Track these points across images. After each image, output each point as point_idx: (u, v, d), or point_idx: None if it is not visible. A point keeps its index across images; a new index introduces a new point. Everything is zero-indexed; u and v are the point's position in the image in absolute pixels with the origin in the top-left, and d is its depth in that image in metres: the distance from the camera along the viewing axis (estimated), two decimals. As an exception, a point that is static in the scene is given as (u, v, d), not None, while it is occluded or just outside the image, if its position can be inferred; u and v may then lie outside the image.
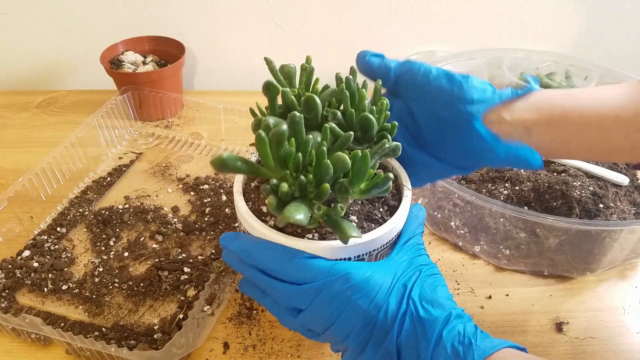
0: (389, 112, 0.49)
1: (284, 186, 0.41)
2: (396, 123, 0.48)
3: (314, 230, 0.47)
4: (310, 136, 0.42)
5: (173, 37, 1.03)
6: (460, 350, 0.40)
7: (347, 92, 0.47)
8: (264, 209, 0.49)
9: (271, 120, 0.44)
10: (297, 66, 0.52)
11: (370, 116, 0.46)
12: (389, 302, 0.42)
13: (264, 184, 0.43)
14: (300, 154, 0.41)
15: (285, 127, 0.40)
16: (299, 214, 0.40)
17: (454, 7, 1.03)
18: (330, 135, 0.45)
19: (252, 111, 0.50)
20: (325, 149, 0.41)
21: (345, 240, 0.42)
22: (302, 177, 0.41)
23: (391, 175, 0.42)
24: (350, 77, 0.48)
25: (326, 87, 0.52)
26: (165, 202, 0.80)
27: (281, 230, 0.46)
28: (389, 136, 0.47)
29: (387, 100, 0.48)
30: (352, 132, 0.44)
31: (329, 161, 0.40)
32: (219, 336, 0.62)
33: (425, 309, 0.42)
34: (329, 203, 0.44)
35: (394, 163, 0.53)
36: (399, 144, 0.47)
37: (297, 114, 0.41)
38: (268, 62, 0.50)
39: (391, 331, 0.42)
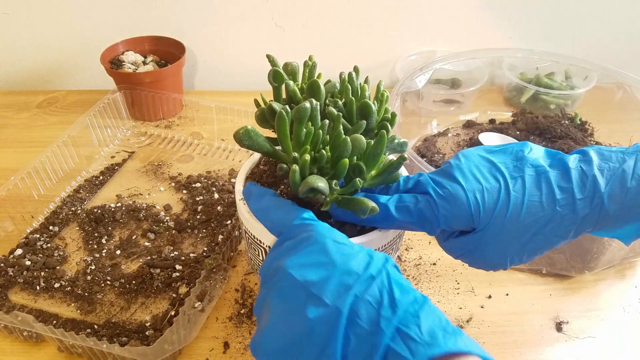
0: (389, 107, 0.49)
1: (307, 157, 0.42)
2: (396, 113, 0.49)
3: None
4: (326, 120, 0.44)
5: (173, 37, 1.04)
6: (439, 333, 0.34)
7: (349, 86, 0.48)
8: None
9: (276, 105, 0.45)
10: (299, 65, 0.52)
11: (370, 103, 0.47)
12: (358, 256, 0.38)
13: (280, 164, 0.44)
14: (320, 131, 0.43)
15: (308, 104, 0.42)
16: (321, 182, 0.42)
17: (454, 7, 1.03)
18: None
19: (256, 102, 0.50)
20: (341, 129, 0.43)
21: (364, 212, 0.43)
22: (323, 151, 0.43)
23: (405, 156, 0.44)
24: (353, 73, 0.50)
25: (328, 81, 0.53)
26: (158, 200, 0.80)
27: None
28: (389, 126, 0.48)
29: (388, 93, 0.49)
30: (364, 121, 0.46)
31: (348, 138, 0.42)
32: (219, 336, 0.61)
33: (400, 283, 0.37)
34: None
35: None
36: (406, 140, 0.48)
37: (315, 100, 0.43)
38: (270, 59, 0.50)
39: (352, 287, 0.36)
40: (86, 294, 0.64)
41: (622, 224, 0.45)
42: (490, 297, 0.67)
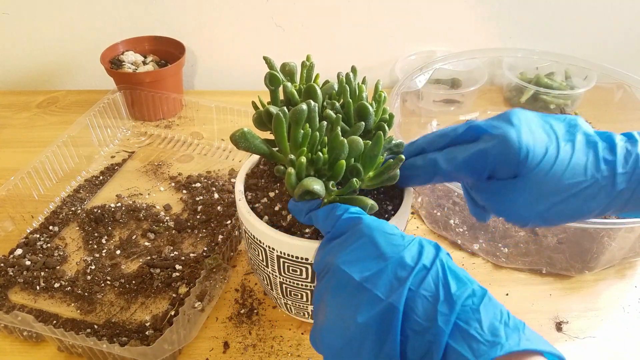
0: (387, 108, 0.49)
1: (303, 159, 0.42)
2: (393, 114, 0.49)
3: (309, 230, 0.49)
4: (324, 122, 0.44)
5: (173, 37, 1.03)
6: (501, 330, 0.33)
7: (347, 87, 0.48)
8: (260, 207, 0.51)
9: (273, 108, 0.45)
10: (297, 65, 0.52)
11: (367, 104, 0.47)
12: (409, 247, 0.38)
13: (277, 165, 0.45)
14: (317, 133, 0.43)
15: (304, 106, 0.42)
16: (317, 185, 0.42)
17: (454, 7, 1.03)
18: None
19: (254, 104, 0.50)
20: (339, 131, 0.43)
21: (364, 208, 0.43)
22: (319, 153, 0.43)
23: (402, 156, 0.44)
24: (351, 74, 0.50)
25: (326, 82, 0.53)
26: (158, 200, 0.80)
27: (279, 229, 0.48)
28: (386, 127, 0.48)
29: (385, 93, 0.49)
30: (363, 123, 0.46)
31: (344, 140, 0.42)
32: (219, 336, 0.61)
33: (455, 273, 0.36)
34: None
35: None
36: (403, 141, 0.48)
37: (312, 102, 0.43)
38: (267, 61, 0.50)
39: (406, 280, 0.35)
40: (86, 294, 0.64)
41: None
42: (490, 297, 0.67)
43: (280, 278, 0.51)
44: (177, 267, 0.67)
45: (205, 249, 0.70)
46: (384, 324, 0.34)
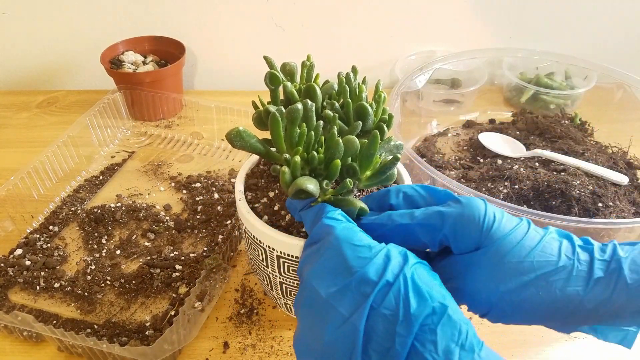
0: (387, 108, 0.49)
1: (297, 159, 0.42)
2: (393, 114, 0.49)
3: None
4: (321, 121, 0.44)
5: (173, 37, 1.03)
6: (456, 353, 0.32)
7: (347, 87, 0.48)
8: (260, 207, 0.51)
9: (272, 108, 0.45)
10: (297, 65, 0.52)
11: (367, 105, 0.47)
12: (374, 260, 0.36)
13: (274, 165, 0.44)
14: (312, 133, 0.43)
15: (300, 105, 0.42)
16: (310, 184, 0.41)
17: (454, 7, 1.03)
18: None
19: (254, 104, 0.50)
20: (335, 131, 0.42)
21: (354, 212, 0.43)
22: (314, 153, 0.42)
23: (399, 155, 0.43)
24: (351, 74, 0.50)
25: (326, 82, 0.52)
26: (158, 200, 0.80)
27: (279, 229, 0.48)
28: (384, 128, 0.48)
29: (385, 94, 0.49)
30: (360, 122, 0.46)
31: (340, 139, 0.42)
32: (219, 336, 0.61)
33: (418, 289, 0.35)
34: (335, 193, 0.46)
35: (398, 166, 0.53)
36: (402, 143, 0.48)
37: (309, 101, 0.43)
38: (268, 60, 0.50)
39: (368, 297, 0.34)
40: (86, 294, 0.64)
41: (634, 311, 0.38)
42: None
43: (280, 278, 0.51)
44: (177, 267, 0.67)
45: (205, 249, 0.70)
46: (347, 344, 0.34)
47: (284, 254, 0.47)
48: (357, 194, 0.50)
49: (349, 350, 0.34)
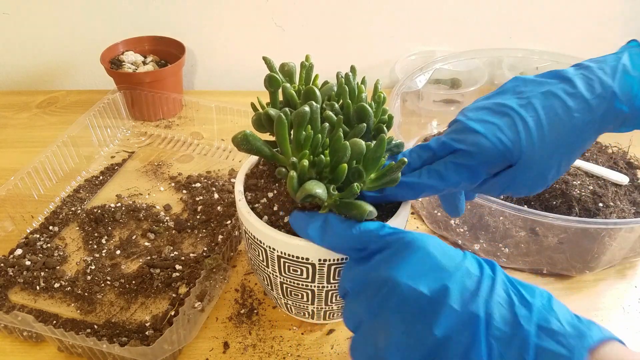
0: (387, 108, 0.49)
1: (305, 162, 0.42)
2: (393, 115, 0.49)
3: None
4: (326, 124, 0.44)
5: (173, 37, 1.03)
6: (579, 324, 0.33)
7: (347, 87, 0.48)
8: (259, 207, 0.51)
9: (272, 111, 0.45)
10: (297, 65, 0.52)
11: (367, 106, 0.47)
12: (468, 258, 0.38)
13: (279, 167, 0.44)
14: (319, 136, 0.43)
15: (307, 108, 0.42)
16: (319, 188, 0.42)
17: (454, 7, 1.03)
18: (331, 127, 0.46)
19: (253, 106, 0.50)
20: (341, 134, 0.42)
21: (362, 217, 0.43)
22: (322, 156, 0.42)
23: (405, 160, 0.43)
24: (350, 74, 0.50)
25: (326, 82, 0.52)
26: (158, 200, 0.80)
27: (279, 228, 0.47)
28: (384, 128, 0.48)
29: (385, 94, 0.49)
30: (364, 124, 0.46)
31: (347, 142, 0.42)
32: (219, 336, 0.61)
33: (516, 280, 0.37)
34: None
35: None
36: (402, 141, 0.48)
37: (315, 103, 0.43)
38: (267, 61, 0.50)
39: (478, 289, 0.36)
40: (86, 294, 0.64)
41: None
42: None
43: (280, 278, 0.51)
44: (177, 267, 0.67)
45: (205, 249, 0.70)
46: (466, 334, 0.34)
47: (285, 254, 0.47)
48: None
49: (467, 340, 0.34)
